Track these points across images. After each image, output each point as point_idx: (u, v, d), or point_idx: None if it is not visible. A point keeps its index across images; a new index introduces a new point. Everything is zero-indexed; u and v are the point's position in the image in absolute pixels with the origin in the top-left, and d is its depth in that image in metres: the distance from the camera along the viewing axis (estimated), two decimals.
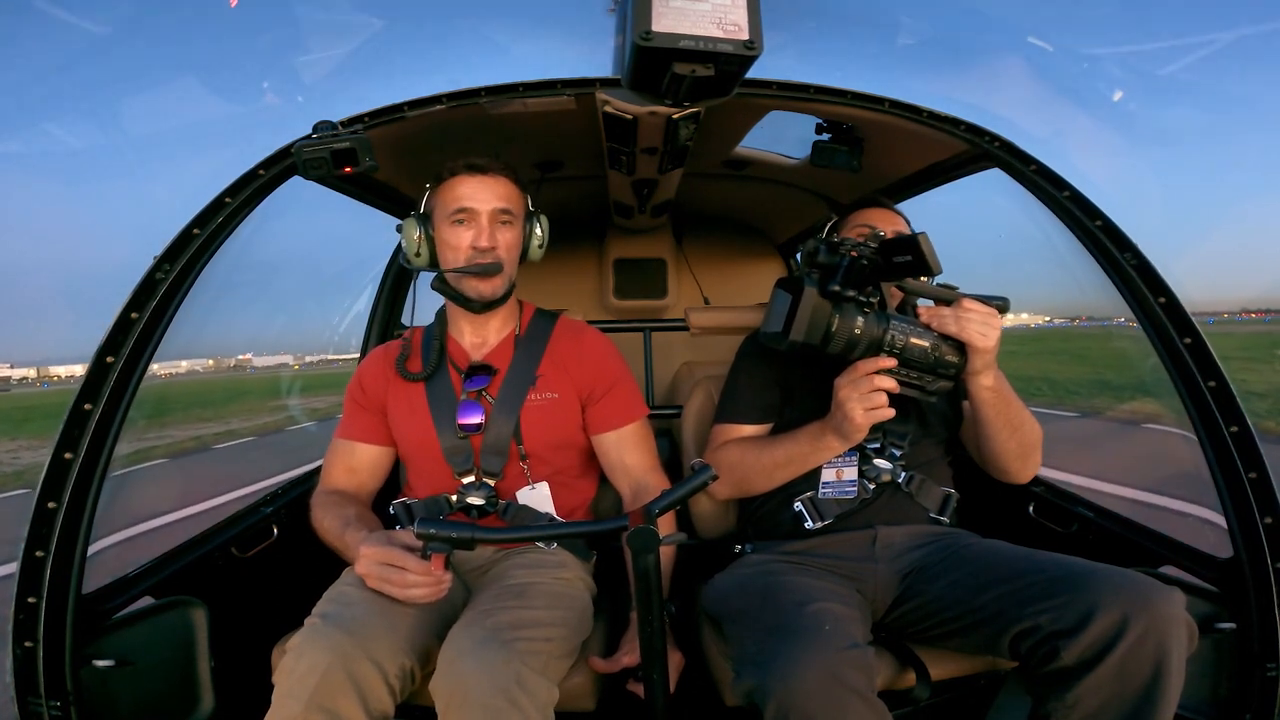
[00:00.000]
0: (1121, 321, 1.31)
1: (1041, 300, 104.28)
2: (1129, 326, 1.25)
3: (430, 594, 1.03)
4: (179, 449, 9.89)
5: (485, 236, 1.26)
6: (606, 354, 1.38)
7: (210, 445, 10.38)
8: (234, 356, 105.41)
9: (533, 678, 0.96)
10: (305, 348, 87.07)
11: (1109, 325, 36.29)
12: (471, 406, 1.29)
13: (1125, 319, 1.24)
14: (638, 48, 1.02)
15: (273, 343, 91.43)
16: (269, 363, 67.46)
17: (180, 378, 68.12)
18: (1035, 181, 1.34)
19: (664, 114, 1.28)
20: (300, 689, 0.93)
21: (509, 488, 1.30)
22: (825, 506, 1.28)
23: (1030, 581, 1.03)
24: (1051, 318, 77.36)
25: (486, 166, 1.27)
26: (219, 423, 13.44)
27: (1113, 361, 14.68)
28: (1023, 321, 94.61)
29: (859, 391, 1.11)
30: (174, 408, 16.56)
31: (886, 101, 1.38)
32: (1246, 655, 1.09)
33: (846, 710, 0.89)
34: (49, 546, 1.01)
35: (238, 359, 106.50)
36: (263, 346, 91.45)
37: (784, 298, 1.11)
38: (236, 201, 1.22)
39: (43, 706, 0.99)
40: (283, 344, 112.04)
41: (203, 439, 10.97)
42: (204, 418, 14.73)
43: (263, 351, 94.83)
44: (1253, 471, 1.08)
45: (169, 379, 56.75)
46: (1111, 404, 9.87)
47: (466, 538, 0.93)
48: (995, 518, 1.44)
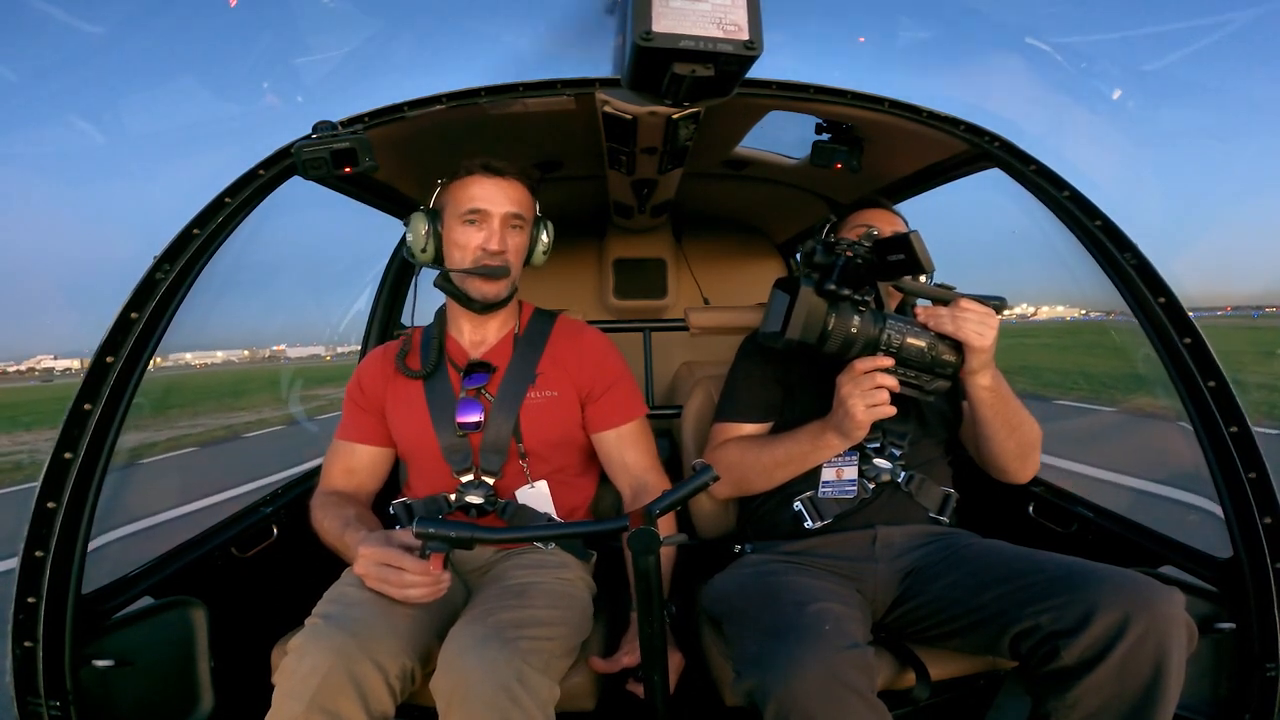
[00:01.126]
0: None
1: (1077, 293, 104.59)
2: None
3: (428, 594, 1.03)
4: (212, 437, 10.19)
5: (496, 240, 1.27)
6: (606, 352, 1.38)
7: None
8: (268, 347, 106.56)
9: (534, 676, 0.96)
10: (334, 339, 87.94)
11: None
12: (470, 404, 1.29)
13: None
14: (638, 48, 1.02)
15: (307, 334, 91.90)
16: (302, 353, 67.67)
17: (216, 367, 68.13)
18: (1035, 181, 1.34)
19: (664, 114, 1.28)
20: (302, 689, 0.93)
21: (508, 486, 1.30)
22: (825, 506, 1.28)
23: (1030, 581, 1.03)
24: (1087, 310, 77.67)
25: (503, 169, 1.28)
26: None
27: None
28: (1058, 314, 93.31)
29: (861, 389, 1.11)
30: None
31: (886, 101, 1.38)
32: (1246, 655, 1.09)
33: (846, 710, 0.89)
34: (49, 546, 1.01)
35: (271, 349, 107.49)
36: (296, 337, 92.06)
37: (782, 298, 1.12)
38: (236, 201, 1.22)
39: (42, 706, 0.99)
40: (316, 336, 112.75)
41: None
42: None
43: (296, 342, 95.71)
44: (1252, 471, 1.08)
45: (204, 369, 56.85)
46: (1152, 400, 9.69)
47: (465, 537, 0.93)
48: (995, 518, 1.44)
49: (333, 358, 30.58)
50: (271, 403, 15.53)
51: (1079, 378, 12.10)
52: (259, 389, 20.38)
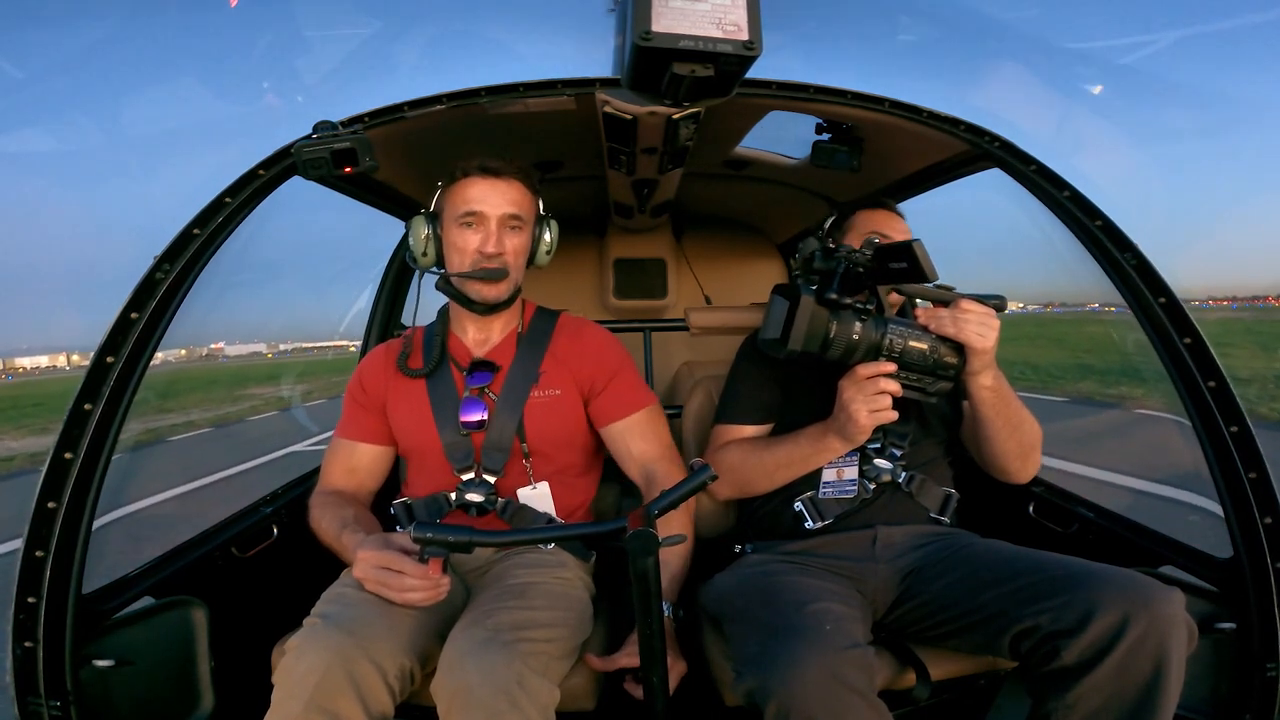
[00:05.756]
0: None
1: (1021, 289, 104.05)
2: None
3: (428, 598, 1.03)
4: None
5: (493, 242, 1.26)
6: (606, 346, 1.38)
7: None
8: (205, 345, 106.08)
9: (534, 678, 0.96)
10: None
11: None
12: (474, 403, 1.29)
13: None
14: (637, 48, 1.02)
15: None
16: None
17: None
18: (1035, 181, 1.34)
19: (664, 114, 1.27)
20: (300, 689, 0.93)
21: (509, 486, 1.30)
22: (825, 506, 1.28)
23: (1030, 581, 1.03)
24: (1025, 304, 77.90)
25: (499, 169, 1.27)
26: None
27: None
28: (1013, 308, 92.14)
29: (864, 394, 1.11)
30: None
31: (886, 101, 1.38)
32: (1246, 655, 1.08)
33: (847, 710, 0.89)
34: (49, 546, 1.01)
35: (209, 348, 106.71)
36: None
37: (781, 304, 1.11)
38: (236, 201, 1.22)
39: (42, 706, 0.99)
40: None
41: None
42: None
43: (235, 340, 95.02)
44: (1253, 471, 1.08)
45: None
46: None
47: (464, 541, 0.93)
48: (995, 518, 1.44)
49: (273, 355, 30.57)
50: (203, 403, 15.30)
51: (1024, 368, 12.27)
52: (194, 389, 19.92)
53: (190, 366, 62.74)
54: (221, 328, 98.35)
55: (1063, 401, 8.93)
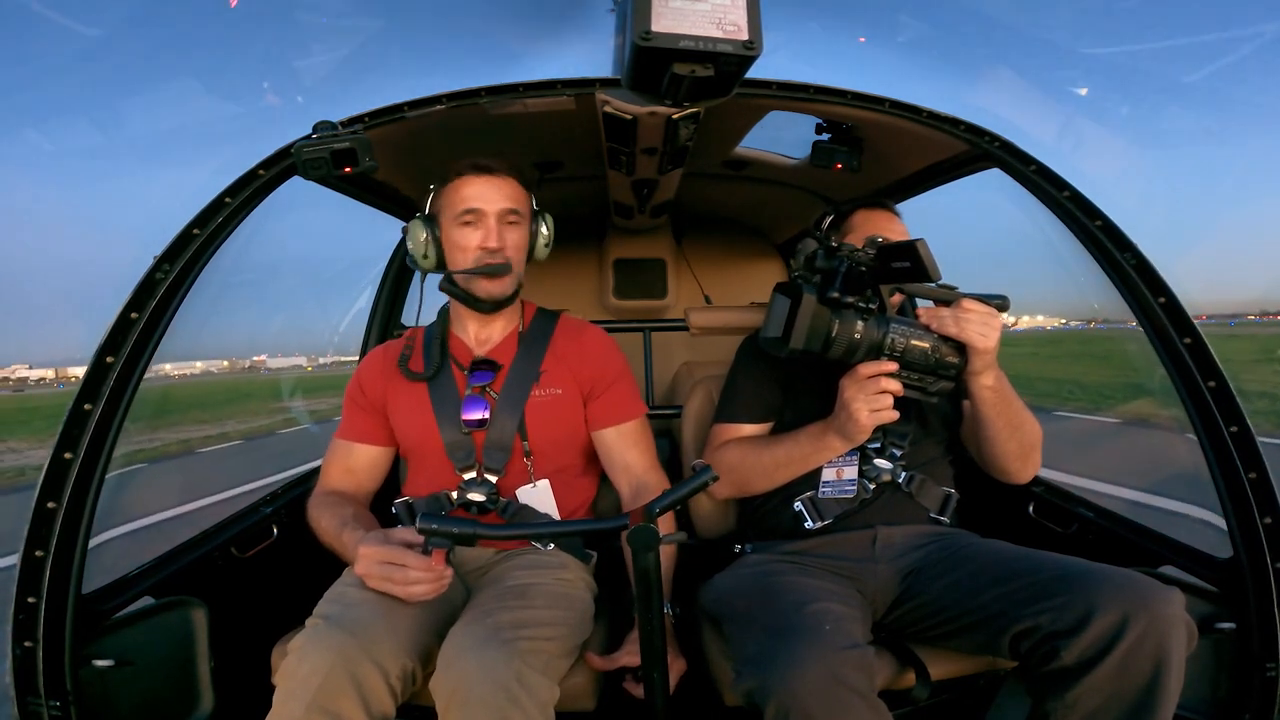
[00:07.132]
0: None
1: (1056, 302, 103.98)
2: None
3: (433, 590, 1.03)
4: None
5: (494, 237, 1.27)
6: (608, 350, 1.39)
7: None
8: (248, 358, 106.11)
9: (533, 676, 0.96)
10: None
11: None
12: (476, 402, 1.30)
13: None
14: (637, 48, 1.02)
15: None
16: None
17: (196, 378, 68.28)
18: (1035, 182, 1.34)
19: (664, 114, 1.28)
20: (302, 690, 0.93)
21: (510, 485, 1.30)
22: (825, 506, 1.28)
23: (1030, 581, 1.03)
24: (1067, 320, 76.74)
25: (492, 167, 1.28)
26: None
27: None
28: (1038, 324, 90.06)
29: (865, 394, 1.11)
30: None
31: (886, 101, 1.38)
32: (1246, 655, 1.09)
33: (847, 710, 0.89)
34: (49, 546, 1.01)
35: (251, 360, 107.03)
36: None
37: (783, 302, 1.11)
38: (236, 201, 1.22)
39: (42, 706, 0.99)
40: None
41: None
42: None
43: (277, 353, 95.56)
44: (1253, 472, 1.08)
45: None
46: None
47: (469, 533, 0.93)
48: (995, 518, 1.44)
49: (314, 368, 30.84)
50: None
51: (1072, 387, 12.05)
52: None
53: (231, 377, 64.01)
54: (268, 341, 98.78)
55: (1117, 423, 8.49)
